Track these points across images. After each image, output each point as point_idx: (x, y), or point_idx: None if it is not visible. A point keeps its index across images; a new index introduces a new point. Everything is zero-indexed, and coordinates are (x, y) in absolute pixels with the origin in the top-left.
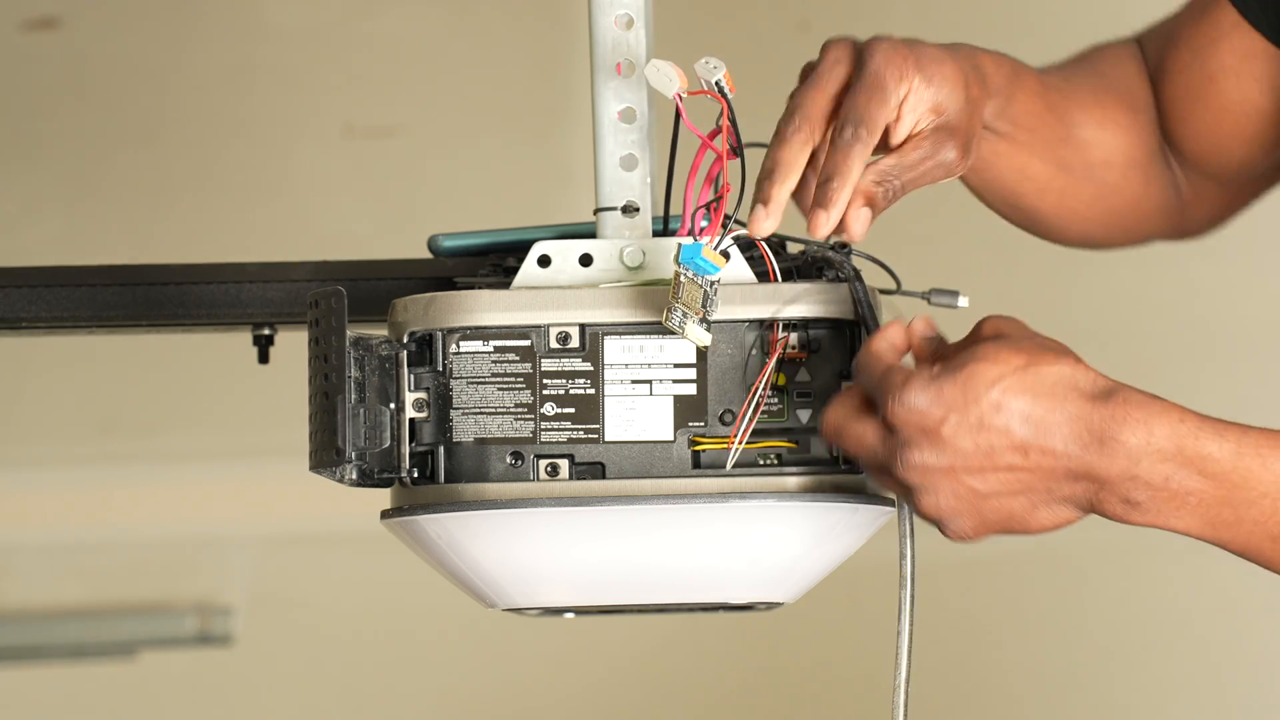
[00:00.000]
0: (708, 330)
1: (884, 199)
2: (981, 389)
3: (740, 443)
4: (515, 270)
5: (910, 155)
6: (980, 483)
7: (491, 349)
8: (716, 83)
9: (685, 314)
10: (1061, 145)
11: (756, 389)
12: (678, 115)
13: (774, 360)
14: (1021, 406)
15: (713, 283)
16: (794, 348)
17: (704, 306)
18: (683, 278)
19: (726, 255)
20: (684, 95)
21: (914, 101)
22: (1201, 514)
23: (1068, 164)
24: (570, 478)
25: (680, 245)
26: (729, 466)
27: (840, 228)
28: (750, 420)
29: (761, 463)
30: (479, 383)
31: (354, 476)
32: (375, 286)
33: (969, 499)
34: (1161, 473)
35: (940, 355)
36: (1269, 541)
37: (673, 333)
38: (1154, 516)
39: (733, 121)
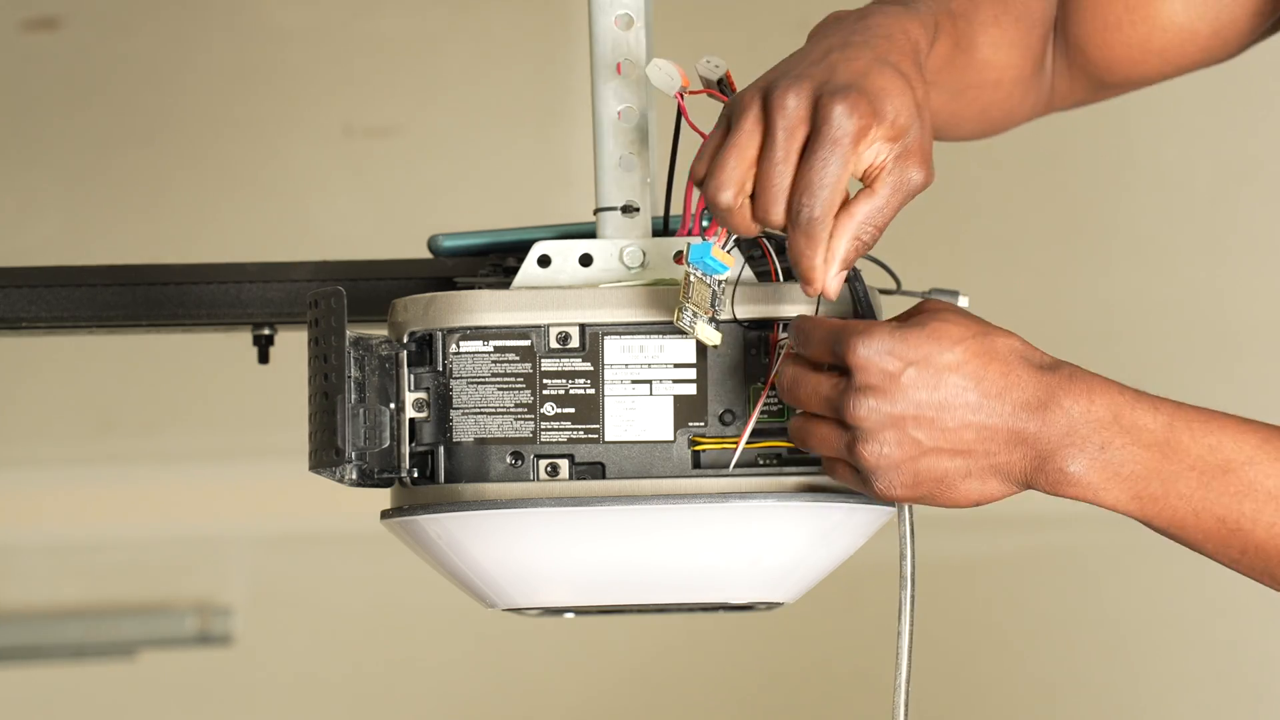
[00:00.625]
0: (717, 329)
1: (863, 250)
2: (946, 344)
3: (743, 445)
4: (515, 270)
5: (880, 194)
6: (926, 435)
7: (491, 349)
8: (719, 81)
9: (695, 313)
10: (960, 73)
11: (765, 392)
12: (679, 114)
13: (781, 361)
14: (976, 369)
15: (721, 282)
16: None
17: (713, 306)
18: (692, 277)
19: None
20: (685, 94)
21: (876, 148)
22: (1131, 486)
23: (961, 88)
24: (570, 478)
25: (689, 245)
26: (731, 468)
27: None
28: (753, 421)
29: (762, 463)
30: (479, 383)
31: (354, 476)
32: (375, 286)
33: (911, 451)
34: (1097, 440)
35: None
36: (1191, 516)
37: (684, 333)
38: (1085, 489)
39: None
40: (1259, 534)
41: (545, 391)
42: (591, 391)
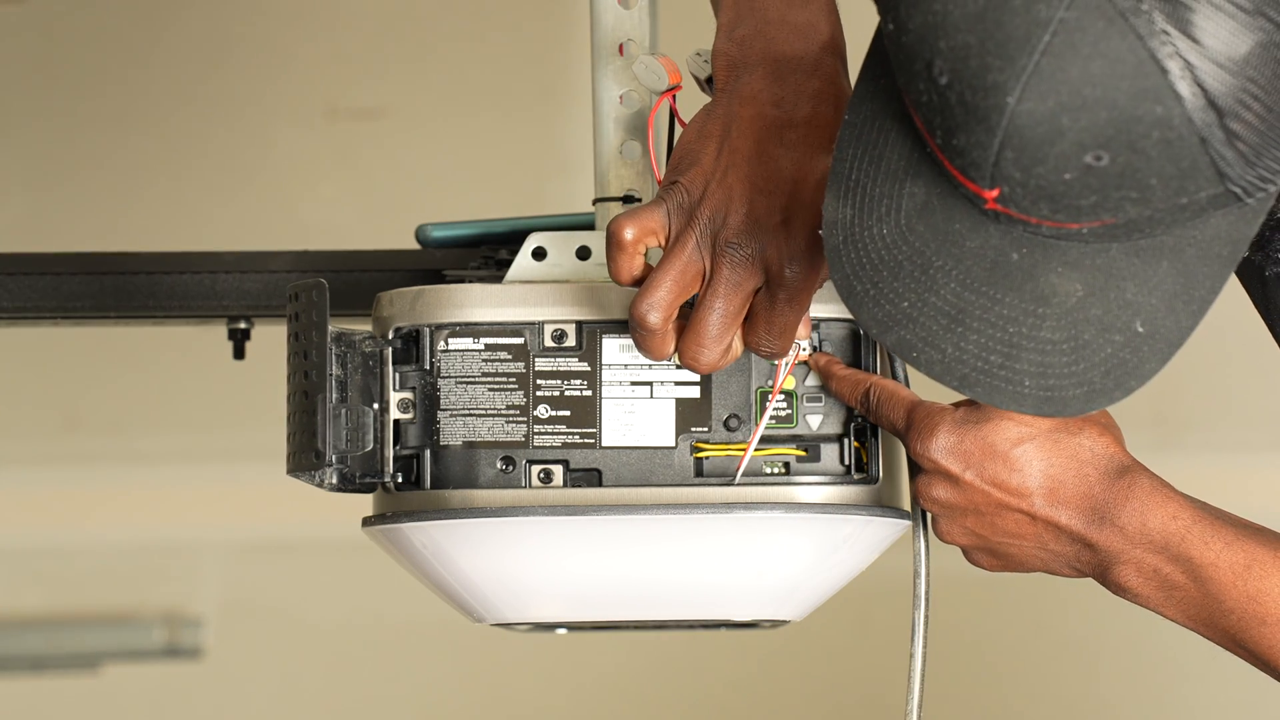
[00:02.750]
0: None
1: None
2: (1002, 446)
3: (750, 452)
4: (508, 263)
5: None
6: (989, 529)
7: (482, 347)
8: (707, 79)
9: None
10: None
11: (773, 397)
12: (672, 113)
13: (794, 364)
14: (1037, 470)
15: None
16: (804, 349)
17: None
18: None
19: None
20: (675, 92)
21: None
22: (1184, 609)
23: None
24: (564, 485)
25: None
26: (739, 478)
27: None
28: (761, 428)
29: (768, 471)
30: (468, 382)
31: (334, 481)
32: (359, 279)
33: (981, 539)
34: (1150, 564)
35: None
36: (1236, 647)
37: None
38: (1145, 602)
39: None
40: None
41: (539, 393)
42: (588, 393)
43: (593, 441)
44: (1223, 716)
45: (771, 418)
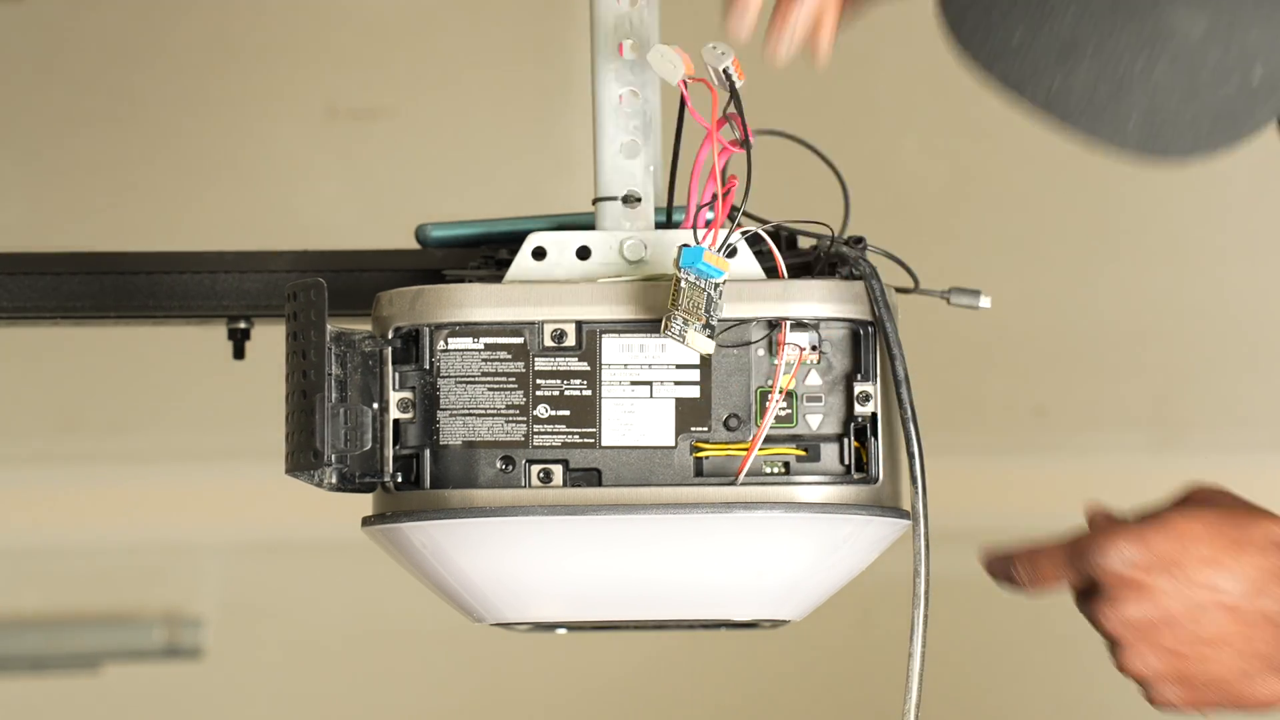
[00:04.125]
0: (711, 337)
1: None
2: (1189, 543)
3: (752, 453)
4: (508, 263)
5: None
6: (1185, 642)
7: (482, 346)
8: (724, 70)
9: (686, 321)
10: None
11: (773, 396)
12: (682, 103)
13: (797, 365)
14: (1230, 564)
15: (716, 285)
16: (805, 349)
17: (707, 312)
18: (683, 283)
19: (734, 251)
20: (689, 82)
21: None
22: None
23: None
24: (564, 485)
25: (681, 249)
26: (740, 478)
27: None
28: (763, 428)
29: (768, 471)
30: (468, 382)
31: (333, 480)
32: (359, 278)
33: (1175, 661)
34: None
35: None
36: None
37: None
38: None
39: (740, 111)
40: None
41: (539, 392)
42: (588, 393)
43: (592, 441)
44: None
45: (773, 417)
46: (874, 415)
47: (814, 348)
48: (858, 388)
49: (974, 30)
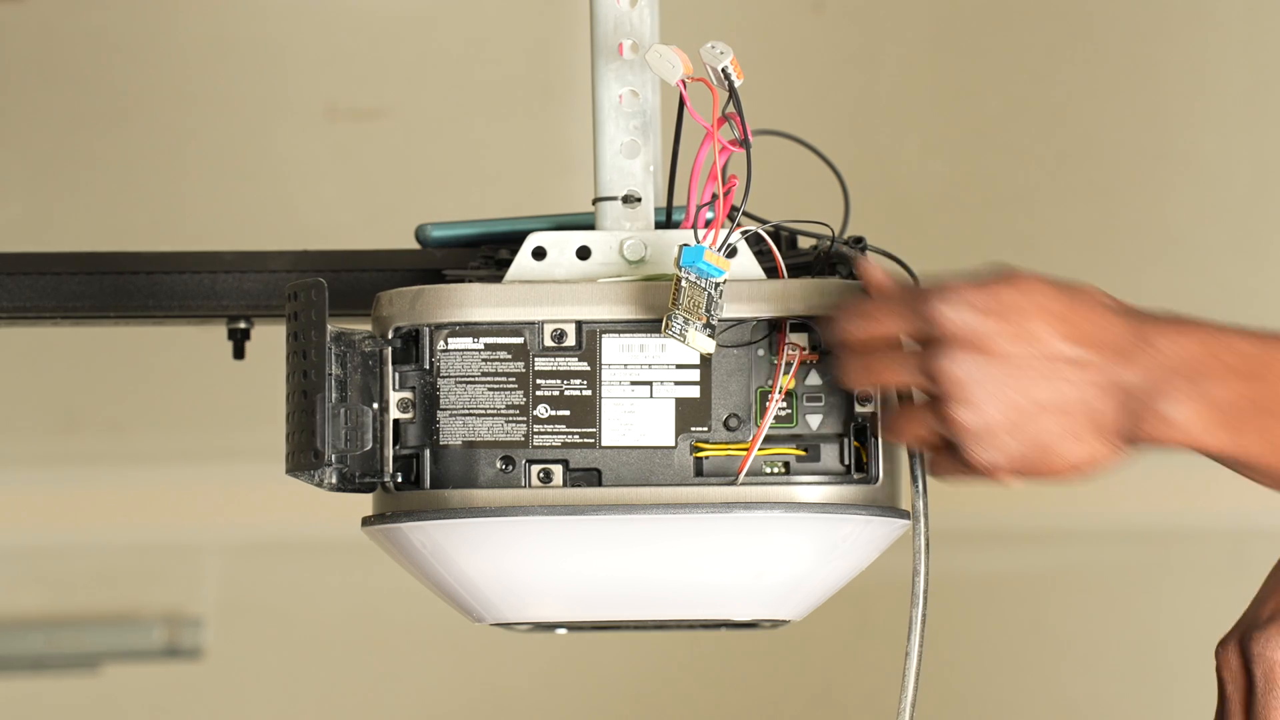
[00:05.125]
0: (712, 336)
1: None
2: (1031, 292)
3: (753, 453)
4: (508, 263)
5: None
6: (1022, 391)
7: (482, 346)
8: (723, 69)
9: (687, 320)
10: None
11: (773, 396)
12: (681, 103)
13: (796, 365)
14: (1065, 313)
15: (717, 285)
16: (805, 349)
17: (708, 311)
18: (684, 282)
19: (734, 251)
20: (688, 81)
21: None
22: (1231, 422)
23: None
24: (564, 485)
25: (681, 248)
26: (741, 478)
27: None
28: (763, 429)
29: (768, 471)
30: (468, 382)
31: (334, 480)
32: (359, 278)
33: (1009, 413)
34: (1193, 375)
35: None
36: None
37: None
38: (1185, 433)
39: (739, 111)
40: None
41: (539, 392)
42: (588, 393)
43: (592, 441)
44: None
45: (773, 417)
46: (874, 415)
47: (814, 348)
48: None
49: None
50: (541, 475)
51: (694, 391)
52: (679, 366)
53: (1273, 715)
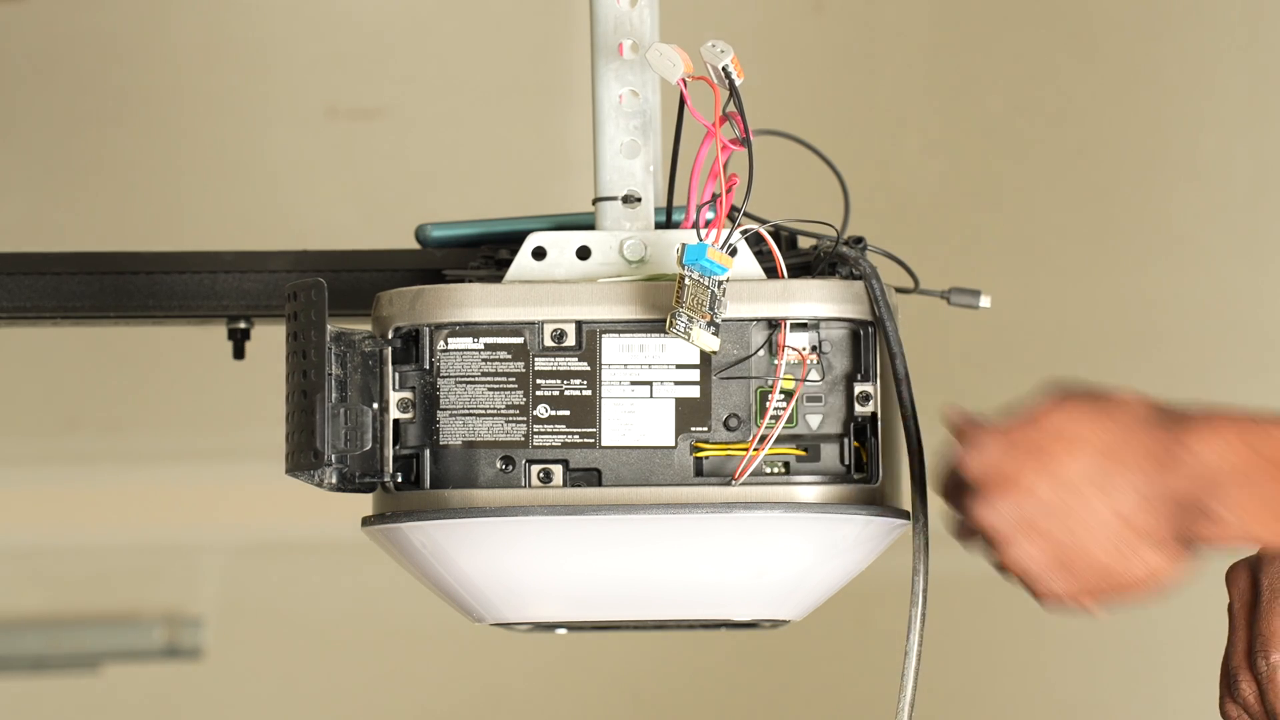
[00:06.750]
0: (716, 334)
1: None
2: (1050, 428)
3: (752, 454)
4: (508, 263)
5: None
6: (1062, 528)
7: (482, 346)
8: (724, 68)
9: (691, 319)
10: None
11: (773, 396)
12: (682, 102)
13: (804, 366)
14: (1095, 443)
15: (720, 283)
16: (805, 349)
17: (711, 309)
18: (687, 280)
19: (734, 251)
20: (688, 80)
21: None
22: (1277, 509)
23: None
24: (564, 484)
25: (684, 246)
26: (742, 479)
27: None
28: (762, 429)
29: (768, 471)
30: (468, 382)
31: (334, 480)
32: (359, 278)
33: (1053, 548)
34: (1239, 476)
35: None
36: None
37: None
38: (1236, 527)
39: (740, 109)
40: None
41: (539, 392)
42: (588, 393)
43: (592, 441)
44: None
45: (772, 417)
46: (874, 415)
47: (814, 348)
48: (858, 388)
49: None
50: (541, 475)
51: (694, 391)
52: (679, 366)
53: (1275, 620)
